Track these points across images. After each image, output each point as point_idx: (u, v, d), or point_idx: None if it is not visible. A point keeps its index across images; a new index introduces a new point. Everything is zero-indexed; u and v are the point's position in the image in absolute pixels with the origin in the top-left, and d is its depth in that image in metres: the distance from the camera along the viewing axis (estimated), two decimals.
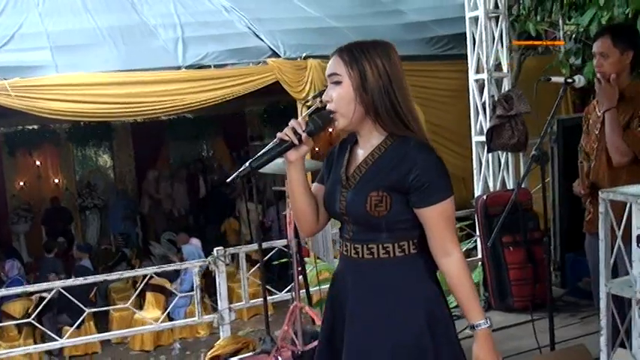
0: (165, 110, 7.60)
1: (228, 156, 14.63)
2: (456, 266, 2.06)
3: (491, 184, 5.73)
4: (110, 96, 6.80)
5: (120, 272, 6.15)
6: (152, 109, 7.29)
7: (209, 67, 7.29)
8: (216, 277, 5.25)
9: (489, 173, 5.74)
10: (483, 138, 5.61)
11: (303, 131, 2.07)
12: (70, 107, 6.67)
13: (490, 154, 5.69)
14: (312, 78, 7.22)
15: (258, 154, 2.07)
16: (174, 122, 13.77)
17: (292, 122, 2.08)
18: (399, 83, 2.07)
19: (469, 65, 5.83)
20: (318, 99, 4.76)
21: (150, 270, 5.67)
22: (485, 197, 5.27)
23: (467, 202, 6.06)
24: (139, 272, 6.16)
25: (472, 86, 5.80)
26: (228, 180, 2.11)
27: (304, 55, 7.39)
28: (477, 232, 5.53)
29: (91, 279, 5.78)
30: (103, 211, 13.47)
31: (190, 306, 8.18)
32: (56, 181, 13.63)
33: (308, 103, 5.90)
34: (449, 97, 7.44)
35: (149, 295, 8.76)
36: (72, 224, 13.10)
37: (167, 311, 6.95)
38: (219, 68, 7.32)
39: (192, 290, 5.63)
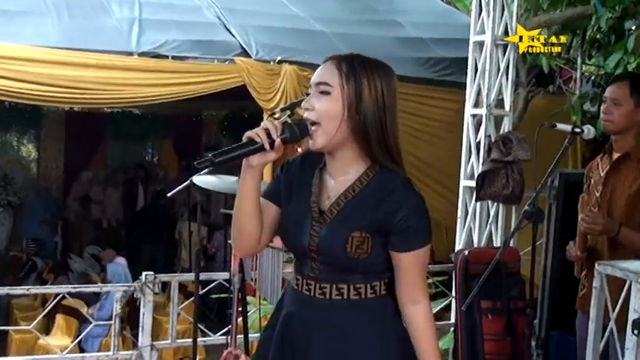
0: (108, 101, 7.56)
1: (175, 164, 14.59)
2: (423, 316, 2.19)
3: (475, 238, 5.79)
4: (45, 76, 6.70)
5: (26, 287, 6.07)
6: (93, 98, 7.22)
7: (166, 57, 7.27)
8: (141, 306, 5.21)
9: (475, 225, 5.80)
10: (473, 183, 5.68)
11: (278, 136, 2.11)
12: None
13: (478, 203, 5.75)
14: (285, 86, 7.23)
15: (223, 149, 2.13)
16: (117, 117, 13.69)
17: (267, 123, 2.13)
18: (392, 114, 2.18)
19: (467, 97, 5.91)
20: (287, 112, 4.78)
21: (64, 289, 5.61)
22: (467, 252, 5.29)
23: (446, 255, 6.11)
24: (51, 290, 6.11)
25: (467, 121, 5.88)
26: (198, 163, 2.13)
27: (279, 58, 7.42)
28: (453, 292, 5.56)
29: None
30: (18, 210, 13.26)
31: (107, 337, 8.09)
32: None
33: (275, 116, 5.92)
34: (440, 130, 7.48)
35: (60, 319, 8.65)
36: None
37: (78, 339, 6.85)
38: (179, 61, 7.30)
39: (111, 319, 5.58)
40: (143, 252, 11.89)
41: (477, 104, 5.88)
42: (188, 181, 4.06)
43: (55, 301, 5.77)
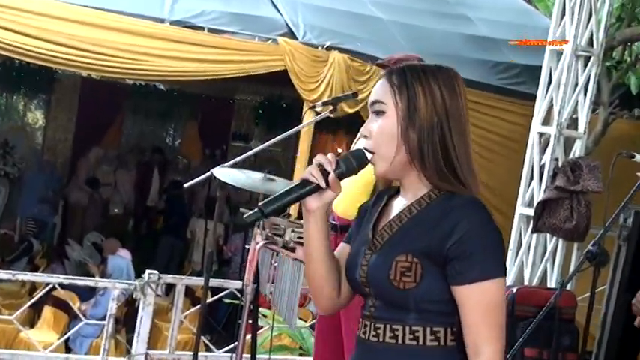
0: (131, 72, 7.63)
1: (199, 152, 14.69)
2: None
3: (527, 275, 5.77)
4: (65, 35, 6.79)
5: (14, 272, 6.17)
6: (114, 67, 7.29)
7: (202, 29, 7.34)
8: (140, 308, 5.28)
9: (528, 260, 5.79)
10: (531, 211, 5.66)
11: (334, 171, 2.07)
12: (7, 37, 6.67)
13: (535, 235, 5.73)
14: (332, 77, 7.24)
15: (273, 196, 2.09)
16: (139, 90, 13.83)
17: (320, 158, 2.09)
18: (458, 125, 2.08)
19: (535, 111, 5.89)
20: (331, 108, 4.81)
21: (55, 279, 5.69)
22: (514, 290, 5.28)
23: None
24: (41, 278, 6.19)
25: (533, 140, 5.86)
26: (248, 217, 2.09)
27: (328, 44, 7.44)
28: None
29: None
30: (15, 183, 13.42)
31: (98, 338, 8.17)
32: None
33: (317, 109, 5.95)
34: (501, 147, 7.42)
35: (48, 311, 8.73)
36: None
37: (66, 337, 6.94)
38: (215, 34, 7.36)
39: (105, 318, 5.65)
40: (155, 248, 11.96)
41: (546, 121, 5.87)
42: (208, 173, 4.10)
43: (44, 291, 5.84)
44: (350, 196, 3.91)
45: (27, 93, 13.97)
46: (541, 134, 5.85)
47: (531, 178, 5.84)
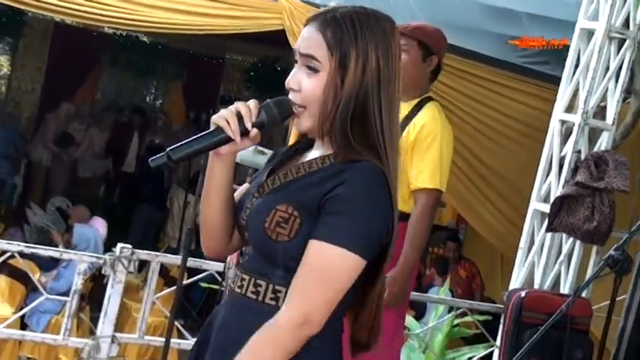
0: (112, 19, 7.52)
1: (182, 114, 14.70)
2: (269, 323, 2.05)
3: (538, 278, 5.75)
4: None
5: None
6: (93, 12, 7.17)
7: None
8: (109, 286, 5.27)
9: (540, 261, 5.76)
10: (547, 207, 5.64)
11: (253, 124, 2.13)
12: None
13: (549, 235, 5.72)
14: None
15: (184, 142, 2.13)
16: (119, 40, 13.78)
17: (239, 105, 2.13)
18: (386, 88, 2.14)
19: (559, 96, 5.85)
20: None
21: (15, 246, 5.67)
22: (523, 294, 5.29)
23: (497, 293, 6.10)
24: None
25: (554, 128, 5.81)
26: (153, 161, 2.12)
27: (333, 4, 7.40)
28: (498, 341, 5.58)
29: None
30: None
31: (59, 315, 8.19)
32: None
33: None
34: (518, 133, 7.32)
35: (3, 281, 8.74)
36: None
37: (22, 313, 6.95)
38: None
39: (68, 294, 5.65)
40: (129, 218, 11.94)
41: (570, 109, 5.83)
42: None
43: (1, 260, 5.84)
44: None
45: None
46: (563, 122, 5.80)
47: (549, 171, 5.79)
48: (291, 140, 2.37)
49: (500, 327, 5.49)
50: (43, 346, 8.45)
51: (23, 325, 7.98)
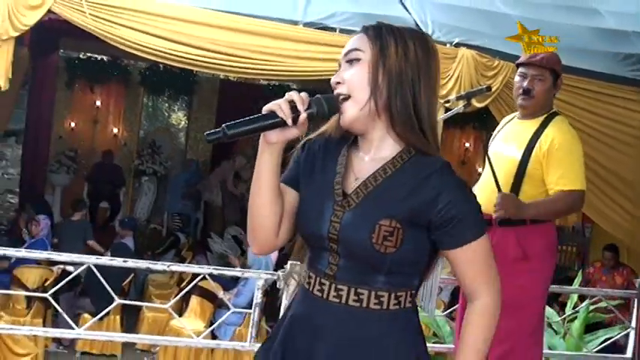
0: (267, 73, 7.69)
1: None
2: (479, 309, 2.08)
3: None
4: (202, 39, 6.91)
5: (167, 263, 6.30)
6: (251, 68, 7.36)
7: (334, 30, 7.34)
8: (283, 298, 5.29)
9: None
10: None
11: (305, 110, 2.05)
12: (149, 42, 6.82)
13: None
14: (461, 72, 7.16)
15: (238, 121, 2.04)
16: (273, 90, 13.98)
17: (292, 94, 2.06)
18: (429, 78, 2.06)
19: None
20: (463, 102, 4.74)
21: (205, 269, 5.77)
22: None
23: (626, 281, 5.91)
24: (192, 269, 6.30)
25: None
26: (209, 135, 2.04)
27: (456, 41, 7.35)
28: (633, 323, 5.38)
29: (131, 263, 5.94)
30: (162, 181, 13.81)
31: (242, 327, 8.31)
32: (115, 131, 14.10)
33: (448, 104, 5.88)
34: (635, 138, 7.25)
35: (194, 301, 8.91)
36: (122, 189, 13.51)
37: (213, 327, 7.06)
38: (347, 35, 7.35)
39: (249, 307, 5.70)
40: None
41: None
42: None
43: (195, 282, 5.95)
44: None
45: (170, 95, 14.38)
46: None
47: None
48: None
49: (635, 310, 5.29)
50: (231, 353, 8.62)
51: (213, 337, 8.12)
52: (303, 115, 2.03)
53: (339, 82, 2.09)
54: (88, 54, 13.43)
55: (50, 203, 12.27)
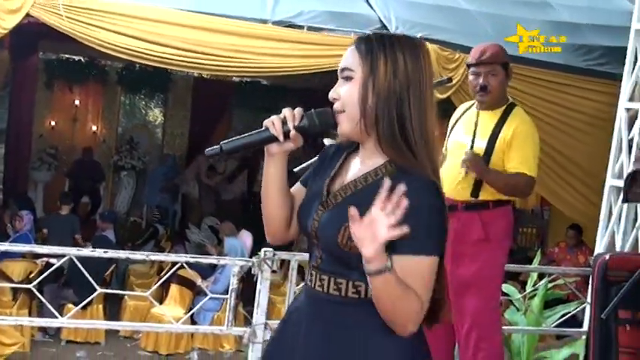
0: (238, 70, 7.72)
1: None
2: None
3: (618, 243, 5.64)
4: (176, 39, 6.91)
5: (147, 253, 6.29)
6: (223, 65, 7.38)
7: (301, 28, 7.36)
8: (258, 283, 5.30)
9: (619, 229, 5.65)
10: (621, 183, 5.52)
11: (294, 126, 2.13)
12: (125, 42, 6.81)
13: (625, 206, 5.60)
14: None
15: (235, 137, 2.18)
16: (245, 86, 13.97)
17: (285, 111, 2.15)
18: (419, 93, 2.05)
19: (622, 89, 5.75)
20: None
21: (182, 258, 5.75)
22: (607, 257, 5.14)
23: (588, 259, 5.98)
24: (169, 258, 6.29)
25: (621, 116, 5.73)
26: (208, 152, 2.19)
27: (419, 35, 7.36)
28: (588, 298, 5.43)
29: (111, 253, 5.92)
30: (140, 175, 13.77)
31: (220, 313, 8.32)
32: (94, 128, 14.04)
33: None
34: (588, 125, 7.34)
35: (174, 289, 8.92)
36: (102, 184, 13.46)
37: (191, 312, 7.07)
38: (314, 32, 7.37)
39: (226, 293, 5.71)
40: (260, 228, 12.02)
41: (632, 97, 5.71)
42: (315, 158, 4.15)
43: (173, 270, 5.93)
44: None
45: (147, 93, 14.36)
46: (628, 109, 5.70)
47: (620, 151, 5.69)
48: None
49: (590, 287, 5.35)
50: (210, 337, 8.66)
51: (193, 323, 8.12)
52: (292, 131, 2.13)
53: (334, 98, 2.13)
54: (66, 55, 13.31)
55: (33, 199, 12.17)
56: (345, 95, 2.08)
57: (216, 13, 7.13)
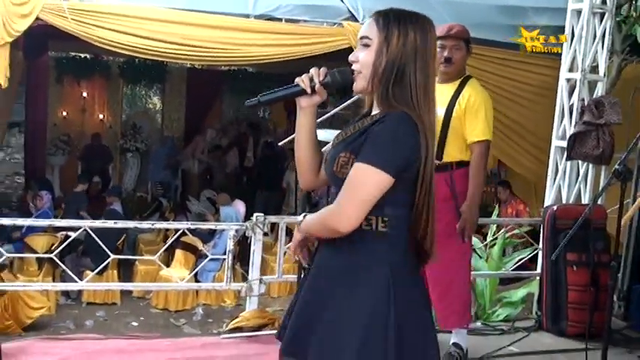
0: (226, 59, 7.67)
1: (285, 119, 14.74)
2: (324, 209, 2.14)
3: (564, 196, 5.67)
4: (170, 34, 6.87)
5: (152, 222, 6.29)
6: (213, 56, 7.36)
7: (280, 20, 7.33)
8: (252, 244, 5.32)
9: (564, 183, 5.68)
10: (564, 143, 5.55)
11: (320, 82, 2.22)
12: (125, 40, 6.76)
13: (569, 163, 5.63)
14: None
15: (271, 91, 2.28)
16: (233, 74, 13.94)
17: (313, 70, 2.24)
18: (424, 60, 2.14)
19: (562, 62, 5.76)
20: None
21: (184, 225, 5.78)
22: (555, 208, 5.23)
23: (535, 211, 6.03)
24: (173, 225, 6.30)
25: (562, 85, 5.73)
26: (248, 103, 2.31)
27: None
28: (540, 244, 5.49)
29: (121, 224, 5.92)
30: (144, 156, 13.77)
31: (220, 272, 8.34)
32: (101, 116, 13.98)
33: None
34: (535, 95, 7.37)
35: (179, 253, 8.95)
36: (110, 165, 13.43)
37: (194, 272, 7.09)
38: (291, 23, 7.35)
39: (224, 255, 5.73)
40: (257, 199, 12.01)
41: (571, 69, 5.72)
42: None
43: (176, 236, 5.95)
44: None
45: (146, 84, 14.39)
46: (568, 80, 5.71)
47: (562, 116, 5.72)
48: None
49: (541, 234, 5.41)
50: (213, 293, 8.70)
51: (197, 282, 8.16)
52: (318, 85, 2.23)
53: (353, 60, 2.21)
54: (74, 53, 13.27)
55: (50, 180, 12.24)
56: (363, 60, 2.16)
57: (205, 10, 7.09)
